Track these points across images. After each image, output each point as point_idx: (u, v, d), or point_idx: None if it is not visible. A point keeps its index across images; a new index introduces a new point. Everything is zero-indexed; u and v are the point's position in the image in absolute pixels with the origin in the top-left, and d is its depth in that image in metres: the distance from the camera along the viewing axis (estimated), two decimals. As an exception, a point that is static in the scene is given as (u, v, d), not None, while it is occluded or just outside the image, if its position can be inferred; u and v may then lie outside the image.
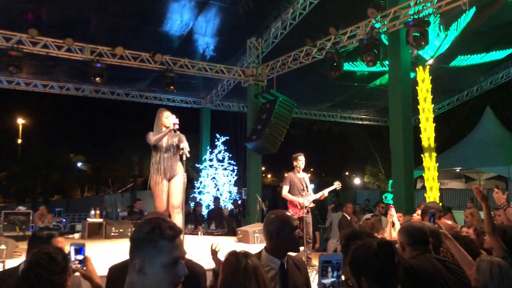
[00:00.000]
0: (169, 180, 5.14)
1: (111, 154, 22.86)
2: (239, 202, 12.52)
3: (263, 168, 33.03)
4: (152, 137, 5.07)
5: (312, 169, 30.70)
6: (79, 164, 25.39)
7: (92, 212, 8.44)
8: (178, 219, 4.93)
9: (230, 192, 13.21)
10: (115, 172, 24.55)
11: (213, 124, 13.91)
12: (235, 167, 13.42)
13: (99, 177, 26.81)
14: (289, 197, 6.53)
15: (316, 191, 6.76)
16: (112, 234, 7.46)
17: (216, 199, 11.12)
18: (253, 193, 9.85)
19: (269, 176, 34.79)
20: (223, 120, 14.83)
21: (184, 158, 4.97)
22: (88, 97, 12.08)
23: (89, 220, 8.11)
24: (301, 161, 6.55)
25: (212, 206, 12.49)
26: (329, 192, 6.77)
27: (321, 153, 26.82)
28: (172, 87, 9.64)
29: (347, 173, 32.24)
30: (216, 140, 13.50)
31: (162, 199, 5.11)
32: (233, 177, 13.38)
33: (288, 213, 2.41)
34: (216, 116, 14.30)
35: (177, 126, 5.08)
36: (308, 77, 11.54)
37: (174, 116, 5.19)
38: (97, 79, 8.75)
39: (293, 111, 10.44)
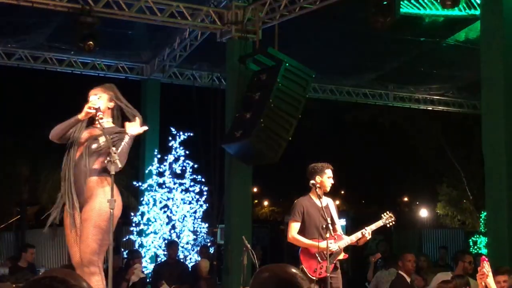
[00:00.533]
0: (81, 211, 5.16)
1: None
2: (211, 250, 12.50)
3: (255, 190, 33.23)
4: (53, 130, 5.28)
5: (342, 192, 30.77)
6: None
7: None
8: (93, 283, 4.95)
9: (194, 231, 13.20)
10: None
11: (164, 110, 13.90)
12: (205, 188, 13.44)
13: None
14: (302, 241, 6.57)
15: (350, 231, 6.79)
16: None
17: (172, 246, 11.14)
18: (237, 234, 9.83)
19: (265, 203, 34.92)
20: (183, 102, 14.83)
21: (112, 171, 4.98)
22: None
23: None
24: (329, 177, 6.61)
25: (162, 258, 12.45)
26: (374, 233, 6.81)
27: (358, 164, 26.89)
28: (91, 42, 9.65)
29: (405, 199, 32.42)
30: (169, 139, 13.49)
31: (72, 246, 5.21)
32: (201, 206, 13.40)
33: (294, 270, 2.43)
34: (171, 96, 14.28)
35: (100, 114, 5.16)
36: (334, 26, 11.57)
37: (96, 95, 5.29)
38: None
39: (309, 87, 10.45)
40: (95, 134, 5.25)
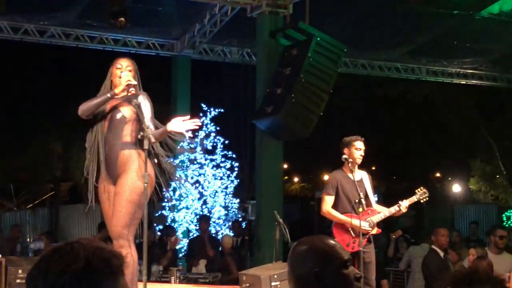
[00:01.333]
0: (115, 184, 5.19)
1: (13, 140, 23.03)
2: (243, 225, 12.57)
3: (286, 166, 33.31)
4: (83, 105, 5.27)
5: (373, 168, 30.64)
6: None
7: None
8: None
9: (226, 207, 13.25)
10: (20, 173, 24.77)
11: (195, 86, 13.94)
12: (236, 164, 13.46)
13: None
14: (335, 215, 6.59)
15: (383, 205, 6.78)
16: (18, 281, 7.56)
17: (204, 220, 11.19)
18: (268, 210, 9.87)
19: (295, 179, 34.94)
20: (214, 78, 14.84)
21: (146, 146, 5.00)
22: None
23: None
24: (357, 149, 6.59)
25: (195, 233, 12.57)
26: (408, 208, 6.79)
27: (390, 139, 26.77)
28: (122, 19, 9.69)
29: (437, 175, 32.19)
30: (200, 115, 13.54)
31: (108, 220, 5.29)
32: (232, 182, 13.47)
33: (333, 241, 2.43)
34: (201, 72, 14.29)
35: (132, 90, 5.19)
36: (366, 0, 11.52)
37: (127, 72, 5.29)
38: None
39: (341, 62, 10.39)
40: (117, 104, 5.27)
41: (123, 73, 5.28)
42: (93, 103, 5.23)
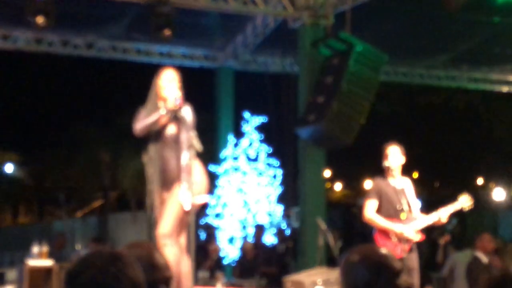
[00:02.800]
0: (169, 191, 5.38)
1: (64, 150, 23.41)
2: (287, 232, 12.57)
3: (329, 173, 33.15)
4: (138, 122, 5.37)
5: (417, 175, 30.31)
6: (8, 168, 26.16)
7: (35, 249, 8.73)
8: (168, 254, 5.09)
9: (270, 214, 13.32)
10: (70, 182, 25.13)
11: (238, 96, 14.02)
12: (280, 171, 13.49)
13: (43, 189, 27.50)
14: (377, 221, 6.55)
15: (425, 212, 6.74)
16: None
17: (257, 229, 11.50)
18: (311, 216, 9.91)
19: (338, 186, 34.73)
20: (257, 88, 14.90)
21: (192, 156, 5.11)
22: (24, 52, 12.42)
23: (30, 263, 8.34)
24: (390, 155, 6.54)
25: (238, 240, 12.63)
26: (451, 215, 6.72)
27: (432, 146, 26.48)
28: (167, 32, 9.81)
29: (480, 182, 31.66)
30: (244, 123, 13.62)
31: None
32: (276, 189, 13.49)
33: (384, 252, 2.44)
34: (244, 82, 14.36)
35: (178, 102, 5.24)
36: (406, 9, 11.42)
37: (175, 84, 5.35)
38: (39, 19, 9.01)
39: (382, 71, 10.33)
40: (167, 120, 5.33)
41: (169, 87, 5.34)
42: (149, 122, 5.30)
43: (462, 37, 13.07)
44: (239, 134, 13.67)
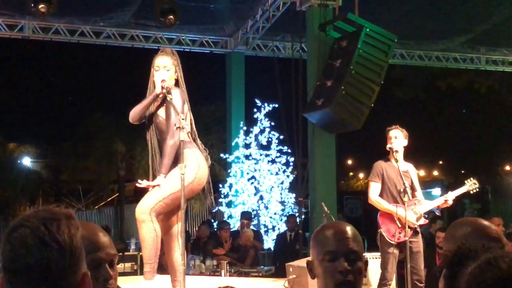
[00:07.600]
0: None
1: (79, 142, 23.58)
2: (299, 219, 12.58)
3: (350, 162, 32.88)
4: (132, 111, 5.56)
5: (441, 162, 30.10)
6: (25, 161, 26.42)
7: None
8: (143, 229, 5.17)
9: (282, 202, 13.28)
10: (87, 174, 25.34)
11: (249, 82, 14.01)
12: (291, 159, 13.48)
13: (60, 182, 27.77)
14: (382, 204, 6.53)
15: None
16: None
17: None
18: (321, 203, 9.85)
19: (360, 175, 34.57)
20: (267, 74, 14.85)
21: (181, 138, 5.04)
22: (31, 40, 12.43)
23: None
24: (391, 138, 6.55)
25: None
26: (459, 197, 6.68)
27: (456, 132, 26.25)
28: (171, 17, 9.84)
29: (506, 167, 31.37)
30: (255, 110, 13.61)
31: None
32: (287, 176, 13.51)
33: (343, 225, 2.39)
34: (255, 68, 14.34)
35: (164, 85, 5.25)
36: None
37: (163, 71, 5.36)
38: (41, 7, 9.05)
39: (391, 52, 10.25)
40: (158, 106, 5.45)
41: (158, 72, 5.35)
42: (139, 108, 5.46)
43: (479, 18, 12.98)
44: (250, 122, 13.68)
